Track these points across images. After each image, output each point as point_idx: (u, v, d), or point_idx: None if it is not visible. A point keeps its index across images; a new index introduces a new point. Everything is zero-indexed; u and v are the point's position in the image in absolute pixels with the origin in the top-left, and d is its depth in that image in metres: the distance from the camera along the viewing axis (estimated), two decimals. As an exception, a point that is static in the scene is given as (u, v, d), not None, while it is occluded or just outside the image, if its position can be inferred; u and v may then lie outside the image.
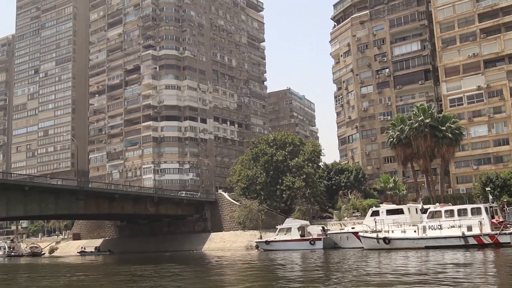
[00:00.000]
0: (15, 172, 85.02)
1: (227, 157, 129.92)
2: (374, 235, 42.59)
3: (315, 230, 57.84)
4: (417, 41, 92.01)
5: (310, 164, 78.97)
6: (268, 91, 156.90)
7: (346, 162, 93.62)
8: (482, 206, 40.65)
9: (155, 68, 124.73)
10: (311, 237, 54.84)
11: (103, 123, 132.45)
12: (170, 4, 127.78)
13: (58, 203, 68.01)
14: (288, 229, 57.24)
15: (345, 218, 70.14)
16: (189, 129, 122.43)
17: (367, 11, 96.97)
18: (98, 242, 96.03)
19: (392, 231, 42.20)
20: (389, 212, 47.88)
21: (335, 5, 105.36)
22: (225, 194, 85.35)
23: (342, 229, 57.46)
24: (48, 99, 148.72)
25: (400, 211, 47.73)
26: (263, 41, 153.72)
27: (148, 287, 26.19)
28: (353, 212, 74.31)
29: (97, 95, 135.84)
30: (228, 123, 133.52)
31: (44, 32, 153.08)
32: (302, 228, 56.80)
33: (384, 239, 41.29)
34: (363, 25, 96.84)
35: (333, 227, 61.58)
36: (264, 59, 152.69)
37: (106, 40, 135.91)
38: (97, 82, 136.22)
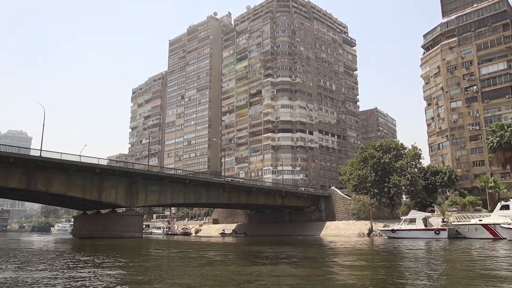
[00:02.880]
0: (176, 168, 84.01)
1: (329, 162, 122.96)
2: (524, 227, 34.07)
3: (435, 221, 49.55)
4: (504, 61, 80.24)
5: (413, 165, 71.20)
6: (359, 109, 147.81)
7: (437, 165, 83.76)
8: None
9: (273, 91, 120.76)
10: (435, 227, 46.65)
11: (232, 135, 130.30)
12: (284, 42, 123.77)
13: (209, 194, 65.08)
14: (412, 220, 49.40)
15: (446, 212, 61.52)
16: (299, 139, 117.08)
17: (455, 38, 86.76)
18: (232, 226, 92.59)
19: (547, 224, 33.36)
20: (521, 206, 39.11)
21: (424, 35, 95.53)
22: (338, 190, 78.69)
23: (446, 220, 49.40)
24: (191, 117, 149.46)
25: (534, 206, 38.80)
26: (356, 70, 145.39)
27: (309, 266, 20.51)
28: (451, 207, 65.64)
29: (227, 114, 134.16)
30: (330, 135, 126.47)
31: (188, 67, 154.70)
32: (425, 219, 48.76)
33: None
34: (452, 50, 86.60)
35: (438, 219, 53.13)
36: (357, 84, 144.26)
37: (234, 72, 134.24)
38: (228, 104, 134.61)
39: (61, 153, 50.15)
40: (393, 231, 50.01)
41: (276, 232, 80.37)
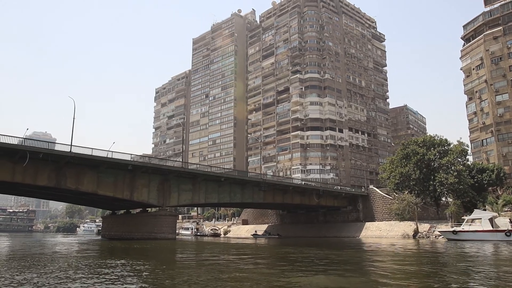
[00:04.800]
0: (211, 165, 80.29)
1: (359, 161, 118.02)
2: None
3: (501, 221, 44.66)
4: (555, 50, 74.79)
5: (460, 160, 66.33)
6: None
7: (481, 163, 78.35)
8: None
9: (301, 88, 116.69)
10: (506, 228, 41.81)
11: (259, 134, 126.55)
12: (312, 37, 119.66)
13: (243, 193, 61.43)
14: (477, 220, 44.59)
15: (500, 213, 56.45)
16: (329, 137, 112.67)
17: (500, 28, 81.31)
18: (262, 227, 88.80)
19: None
20: None
21: (465, 26, 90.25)
22: (377, 189, 74.14)
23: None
24: (215, 116, 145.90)
25: None
26: (385, 66, 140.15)
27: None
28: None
29: (254, 112, 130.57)
30: (360, 132, 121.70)
31: (212, 66, 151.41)
32: (491, 219, 43.85)
33: None
34: (497, 40, 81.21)
35: (505, 219, 48.07)
36: (386, 80, 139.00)
37: (261, 69, 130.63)
38: (254, 102, 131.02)
39: (92, 148, 47.11)
40: (454, 232, 45.17)
41: (311, 233, 76.27)
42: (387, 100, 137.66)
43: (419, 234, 59.97)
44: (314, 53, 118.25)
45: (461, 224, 47.44)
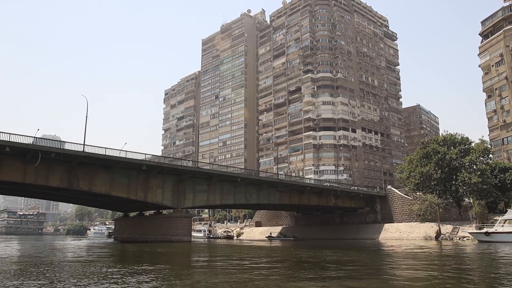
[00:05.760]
0: (226, 165, 78.52)
1: (373, 161, 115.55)
2: None
3: (538, 222, 42.23)
4: None
5: (482, 159, 63.93)
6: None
7: (501, 162, 75.64)
8: None
9: (314, 88, 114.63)
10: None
11: (270, 134, 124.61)
12: (324, 36, 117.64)
13: (259, 194, 59.56)
14: (509, 221, 42.27)
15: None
16: (342, 137, 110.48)
17: (520, 23, 78.92)
18: (276, 229, 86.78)
19: None
20: None
21: (483, 22, 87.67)
22: (396, 190, 71.82)
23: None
24: (226, 117, 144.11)
25: None
26: (397, 64, 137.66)
27: None
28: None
29: (265, 112, 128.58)
30: (373, 132, 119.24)
31: (222, 66, 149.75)
32: (525, 220, 41.48)
33: None
34: (517, 35, 78.76)
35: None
36: (399, 79, 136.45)
37: (272, 69, 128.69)
38: (265, 102, 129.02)
39: (105, 148, 45.39)
40: (487, 234, 42.76)
41: (327, 235, 74.11)
42: (400, 99, 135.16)
43: (441, 235, 57.75)
44: (326, 52, 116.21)
45: (487, 225, 45.20)
